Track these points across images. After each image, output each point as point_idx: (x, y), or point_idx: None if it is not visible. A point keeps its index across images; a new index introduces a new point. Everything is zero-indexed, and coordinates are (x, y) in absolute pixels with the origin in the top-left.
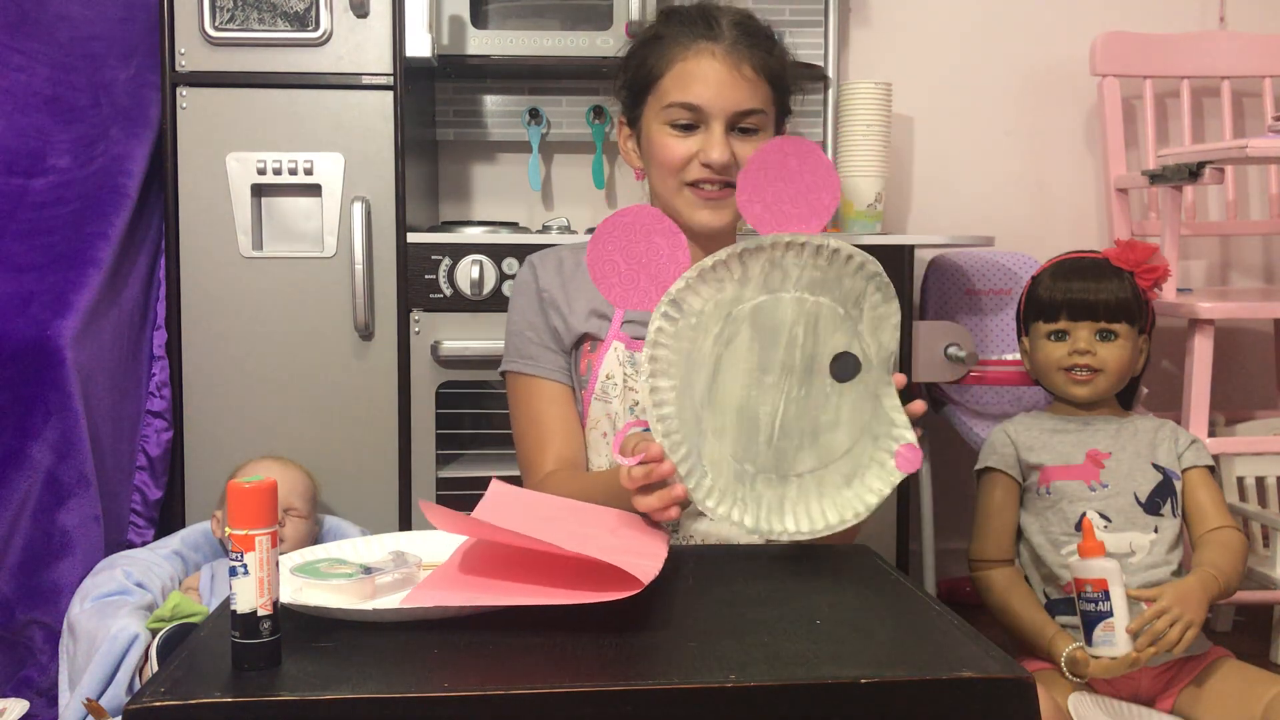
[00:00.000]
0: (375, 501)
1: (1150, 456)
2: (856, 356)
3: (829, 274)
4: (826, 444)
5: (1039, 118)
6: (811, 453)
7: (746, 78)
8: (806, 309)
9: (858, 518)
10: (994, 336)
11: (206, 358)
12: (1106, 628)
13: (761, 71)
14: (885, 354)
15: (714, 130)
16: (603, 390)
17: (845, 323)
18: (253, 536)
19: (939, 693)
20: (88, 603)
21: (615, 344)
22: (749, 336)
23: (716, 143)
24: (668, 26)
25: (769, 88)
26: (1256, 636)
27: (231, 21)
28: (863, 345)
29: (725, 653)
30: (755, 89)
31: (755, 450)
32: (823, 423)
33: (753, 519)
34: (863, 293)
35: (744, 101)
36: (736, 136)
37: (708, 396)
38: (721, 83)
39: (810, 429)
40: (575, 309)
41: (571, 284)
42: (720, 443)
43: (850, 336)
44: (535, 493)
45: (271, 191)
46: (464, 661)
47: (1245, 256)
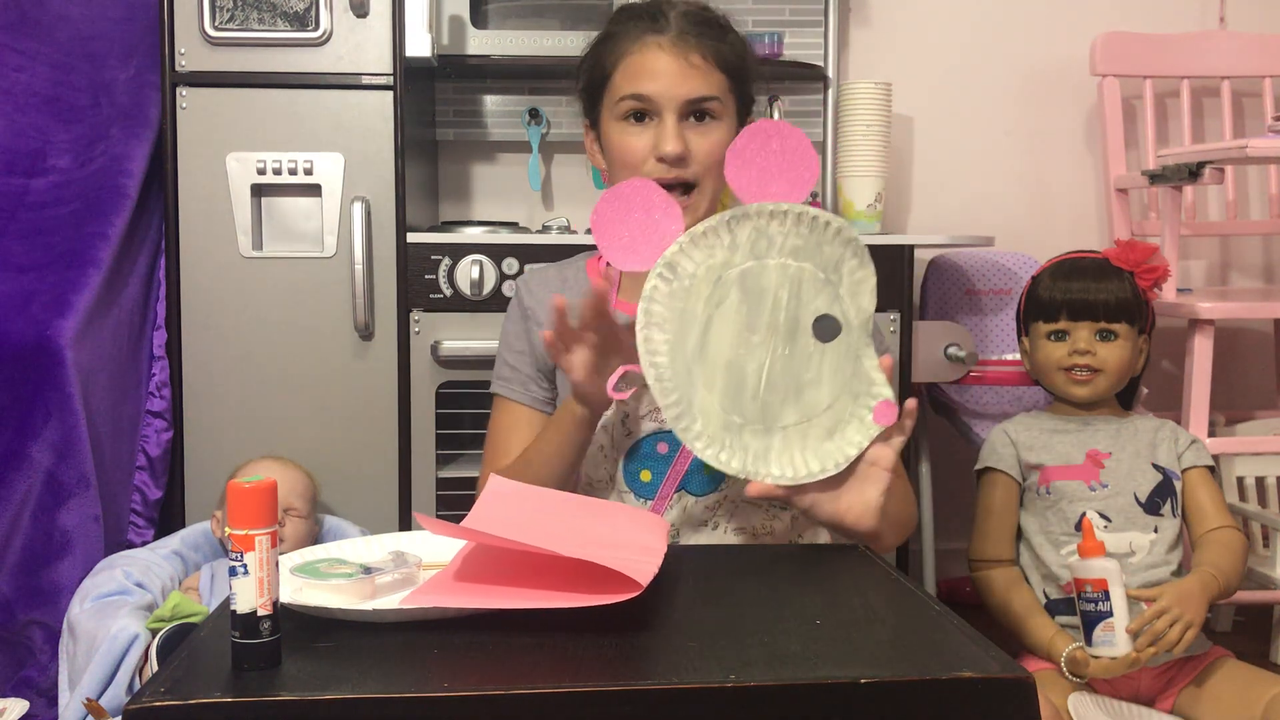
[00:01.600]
0: (375, 501)
1: (1150, 456)
2: (837, 319)
3: (810, 241)
4: (809, 400)
5: (1039, 118)
6: (795, 407)
7: (695, 65)
8: (790, 274)
9: (837, 467)
10: (994, 336)
11: (206, 358)
12: (1106, 628)
13: (712, 59)
14: (864, 316)
15: (666, 121)
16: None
17: (826, 287)
18: (253, 536)
19: (939, 693)
20: (88, 603)
21: None
22: (737, 299)
23: (669, 134)
24: (618, 24)
25: (723, 76)
26: (1256, 636)
27: (231, 21)
28: (843, 308)
29: (725, 653)
30: (706, 76)
31: (743, 403)
32: (806, 380)
33: (739, 463)
34: (841, 258)
35: (694, 90)
36: (691, 126)
37: (699, 352)
38: (670, 72)
39: (794, 385)
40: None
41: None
42: (710, 394)
43: (831, 300)
44: (535, 487)
45: (271, 191)
46: (464, 661)
47: (1245, 256)
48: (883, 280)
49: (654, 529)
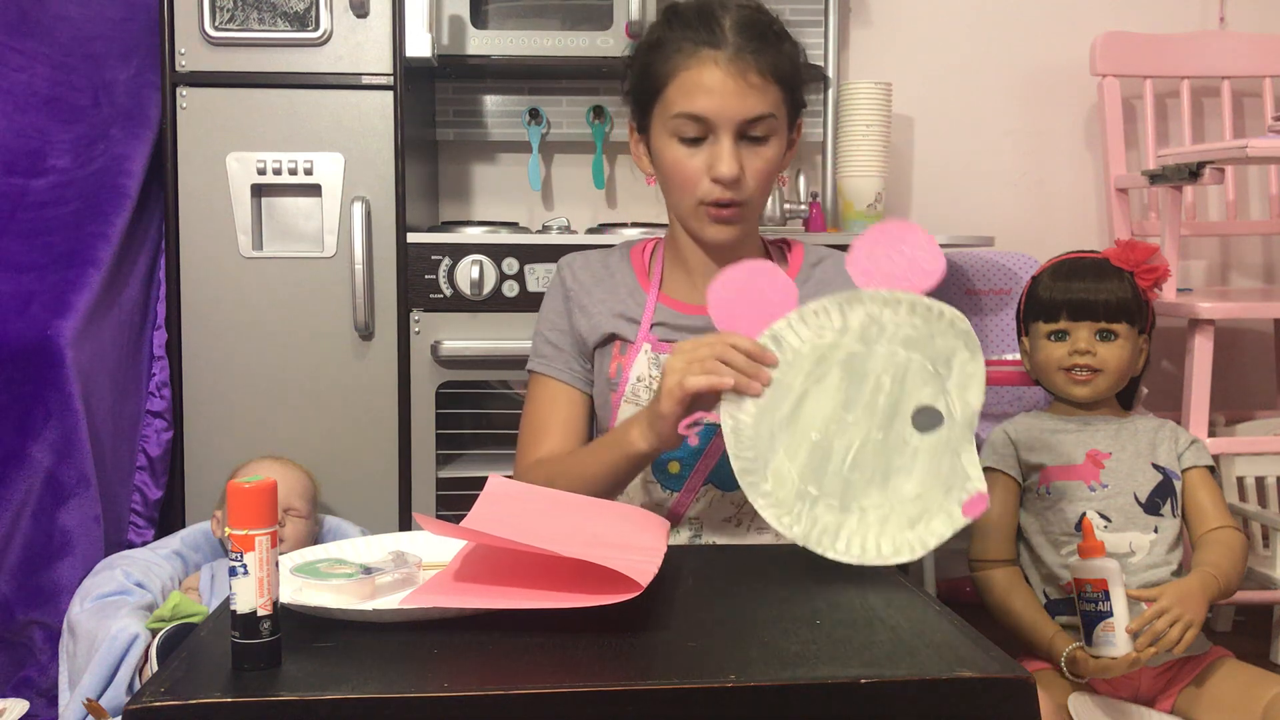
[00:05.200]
0: (375, 501)
1: (1150, 456)
2: (940, 412)
3: (923, 331)
4: (896, 487)
5: (1039, 118)
6: (880, 491)
7: (753, 84)
8: (898, 361)
9: (913, 554)
10: (994, 336)
11: (206, 358)
12: (1106, 628)
13: (770, 74)
14: (969, 412)
15: (723, 143)
16: (633, 392)
17: (934, 379)
18: (253, 536)
19: (939, 693)
20: (88, 603)
21: (645, 346)
22: (838, 378)
23: (725, 156)
24: (670, 30)
25: (779, 89)
26: (1256, 636)
27: (231, 21)
28: (948, 402)
29: (725, 653)
30: (763, 94)
31: (824, 477)
32: (896, 466)
33: (803, 531)
34: (953, 351)
35: (751, 109)
36: (745, 146)
37: (787, 421)
38: (727, 92)
39: (883, 469)
40: (602, 310)
41: (600, 286)
42: (790, 462)
43: (937, 392)
44: (534, 486)
45: (271, 191)
46: (464, 661)
47: (1245, 256)
48: None
49: (654, 529)
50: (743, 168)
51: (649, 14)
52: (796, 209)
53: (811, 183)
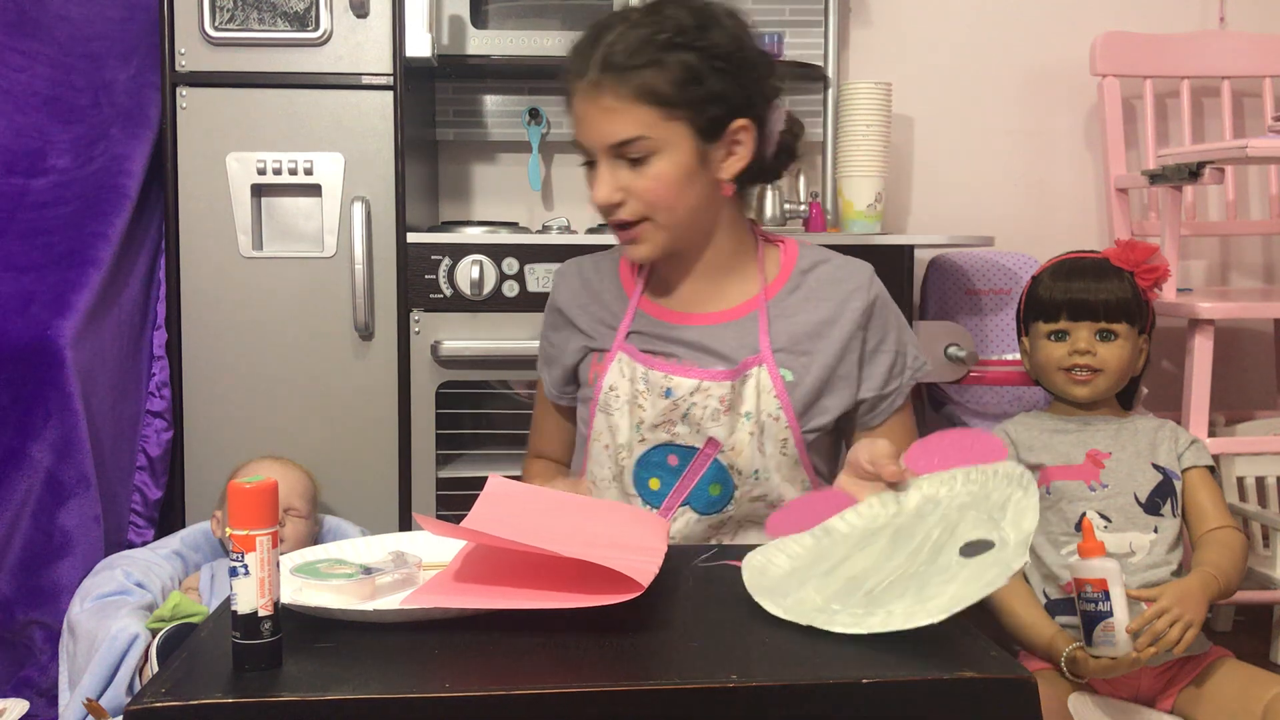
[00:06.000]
0: (375, 501)
1: (1150, 456)
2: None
3: (979, 493)
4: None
5: (1039, 118)
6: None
7: (609, 108)
8: (950, 520)
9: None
10: (994, 336)
11: (206, 358)
12: (1106, 628)
13: (632, 96)
14: (1023, 535)
15: (599, 168)
16: (605, 402)
17: (987, 524)
18: (253, 537)
19: (939, 693)
20: (88, 603)
21: (620, 355)
22: (887, 541)
23: (597, 182)
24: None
25: (652, 107)
26: (1256, 636)
27: (231, 21)
28: (1001, 534)
29: (725, 653)
30: (624, 117)
31: (851, 599)
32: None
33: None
34: (1008, 498)
35: (612, 134)
36: (628, 167)
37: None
38: (589, 120)
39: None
40: (586, 320)
41: (587, 294)
42: (819, 594)
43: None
44: (533, 487)
45: (271, 191)
46: (464, 662)
47: (1245, 256)
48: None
49: (654, 529)
50: (626, 189)
51: None
52: (796, 209)
53: (811, 183)
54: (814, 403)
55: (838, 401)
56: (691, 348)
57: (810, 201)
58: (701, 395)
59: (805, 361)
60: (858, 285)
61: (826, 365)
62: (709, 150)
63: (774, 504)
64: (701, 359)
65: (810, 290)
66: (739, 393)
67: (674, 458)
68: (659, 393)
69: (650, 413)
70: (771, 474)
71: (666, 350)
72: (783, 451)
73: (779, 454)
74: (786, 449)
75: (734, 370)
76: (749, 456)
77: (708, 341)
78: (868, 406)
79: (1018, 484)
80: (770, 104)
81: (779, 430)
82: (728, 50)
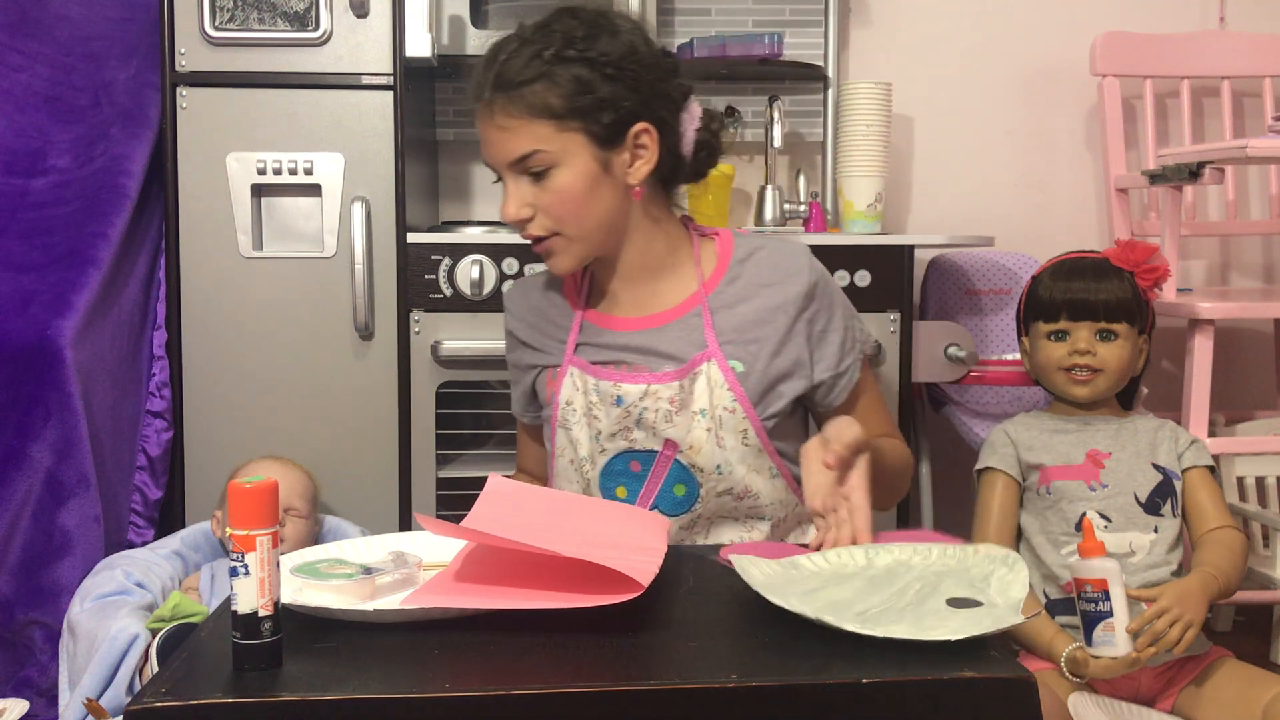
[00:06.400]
0: (375, 501)
1: (1150, 456)
2: (980, 601)
3: (957, 565)
4: (930, 625)
5: (1039, 118)
6: (910, 627)
7: (503, 126)
8: (929, 580)
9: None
10: (994, 336)
11: (206, 358)
12: (1106, 628)
13: (523, 113)
14: (1013, 602)
15: (505, 186)
16: (564, 418)
17: (969, 589)
18: (253, 537)
19: (939, 693)
20: (88, 603)
21: (571, 369)
22: (862, 583)
23: (504, 199)
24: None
25: (544, 121)
26: (1256, 636)
27: (231, 21)
28: (988, 598)
29: (725, 653)
30: (519, 133)
31: (842, 618)
32: (930, 617)
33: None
34: (991, 572)
35: (510, 151)
36: (532, 182)
37: (805, 595)
38: (487, 140)
39: (915, 618)
40: (536, 338)
41: (534, 313)
42: (804, 606)
43: (974, 594)
44: (533, 486)
45: (271, 191)
46: (464, 662)
47: (1245, 256)
48: (883, 280)
49: (654, 528)
50: (533, 204)
51: (649, 14)
52: (796, 209)
53: (811, 183)
54: (768, 390)
55: (793, 386)
56: (639, 352)
57: (810, 201)
58: (651, 399)
59: (754, 350)
60: (797, 268)
61: (775, 351)
62: (611, 157)
63: (741, 496)
64: (651, 362)
65: (750, 278)
66: (689, 391)
67: (636, 464)
68: (610, 402)
69: (605, 423)
70: (735, 466)
71: (616, 358)
72: (744, 442)
73: (740, 445)
74: (748, 439)
75: (682, 369)
76: (708, 453)
77: (654, 344)
78: (826, 388)
79: (1002, 563)
80: (676, 105)
81: (737, 422)
82: (619, 57)
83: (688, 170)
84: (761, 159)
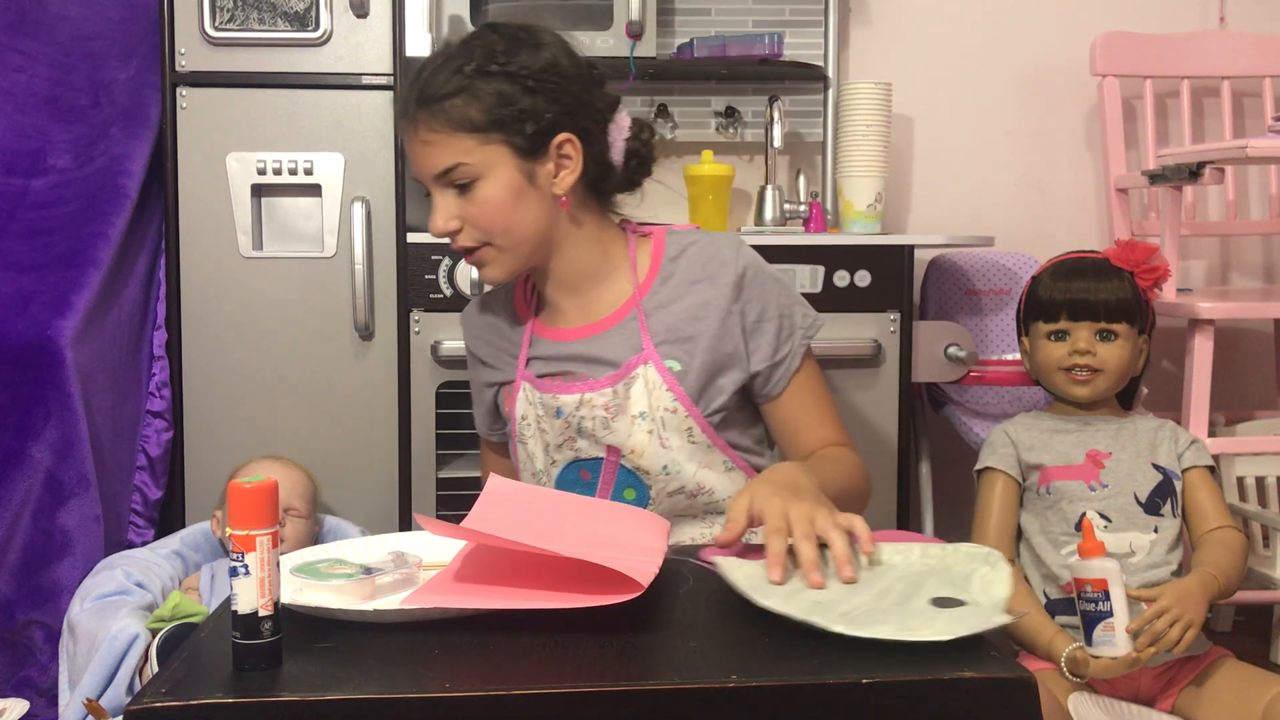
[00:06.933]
0: (375, 501)
1: (1150, 456)
2: (963, 601)
3: (937, 565)
4: (915, 625)
5: (1039, 118)
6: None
7: (427, 141)
8: (911, 580)
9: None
10: (994, 336)
11: (206, 358)
12: (1106, 628)
13: (445, 126)
14: (995, 600)
15: (434, 199)
16: (521, 433)
17: (951, 588)
18: (254, 537)
19: (939, 693)
20: (88, 603)
21: (524, 385)
22: (844, 585)
23: (432, 212)
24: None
25: (467, 135)
26: (1256, 636)
27: (231, 21)
28: (971, 597)
29: (725, 653)
30: (442, 147)
31: (827, 615)
32: (915, 618)
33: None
34: (973, 570)
35: (434, 165)
36: (460, 194)
37: (789, 595)
38: (413, 154)
39: (900, 618)
40: (492, 355)
41: (488, 330)
42: (784, 605)
43: (956, 594)
44: (534, 487)
45: (271, 191)
46: (464, 662)
47: (1245, 256)
48: (883, 280)
49: (655, 529)
50: (460, 216)
51: (649, 14)
52: (796, 209)
53: (811, 183)
54: (707, 385)
55: (731, 379)
56: (583, 361)
57: (810, 201)
58: (586, 407)
59: (689, 348)
60: (724, 260)
61: (710, 346)
62: (535, 167)
63: (694, 493)
64: (593, 370)
65: (682, 276)
66: (625, 395)
67: (585, 472)
68: (552, 414)
69: (551, 435)
70: (684, 465)
71: (562, 369)
72: (691, 440)
73: (687, 443)
74: (694, 437)
75: (617, 374)
76: (652, 455)
77: (596, 351)
78: (763, 378)
79: (984, 561)
80: (602, 115)
81: (680, 421)
82: (539, 69)
83: (619, 179)
84: (761, 159)
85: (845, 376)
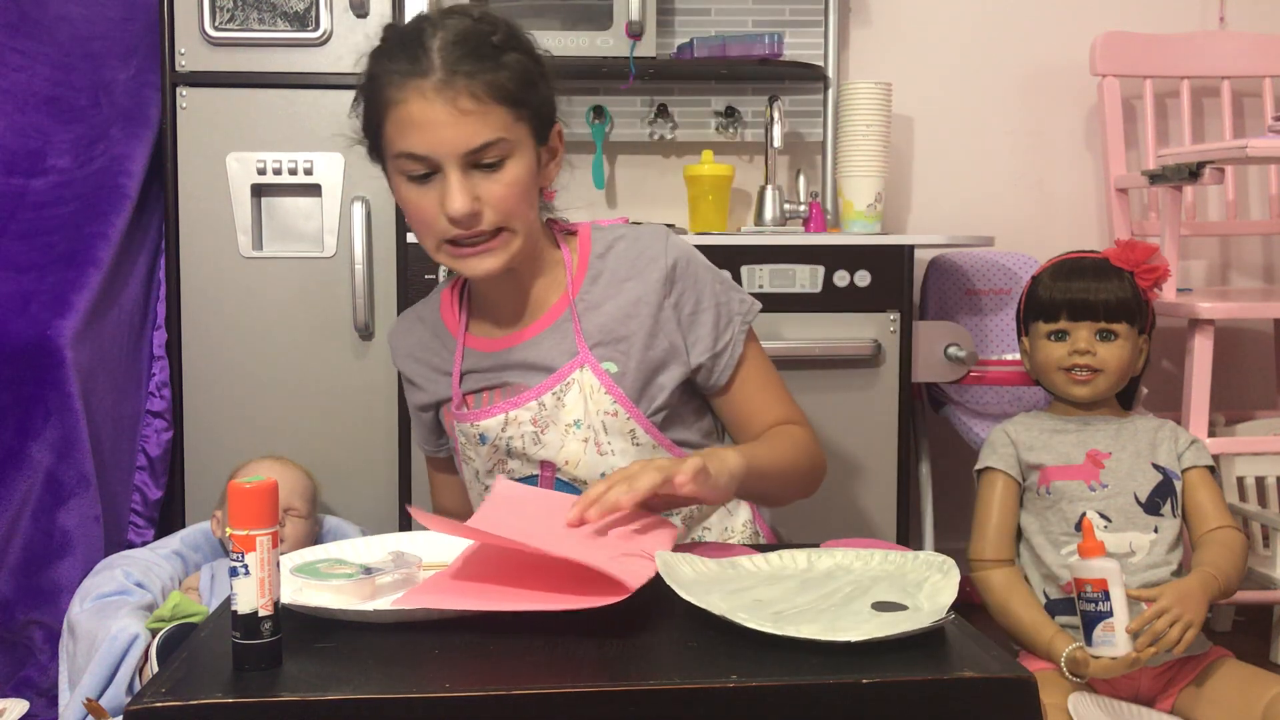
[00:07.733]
0: (375, 501)
1: (1150, 456)
2: (905, 605)
3: (895, 570)
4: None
5: (1039, 118)
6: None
7: (468, 111)
8: (862, 584)
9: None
10: (994, 336)
11: (206, 358)
12: (1106, 628)
13: (488, 94)
14: (938, 607)
15: (450, 178)
16: (463, 450)
17: (900, 593)
18: (253, 537)
19: (939, 693)
20: (88, 603)
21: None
22: (795, 584)
23: (453, 192)
24: (379, 62)
25: (505, 108)
26: (1256, 636)
27: (231, 21)
28: (915, 602)
29: (725, 653)
30: (484, 118)
31: (758, 614)
32: (846, 619)
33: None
34: (924, 578)
35: (473, 138)
36: (479, 174)
37: (731, 593)
38: (440, 124)
39: (830, 618)
40: (423, 375)
41: (420, 348)
42: (723, 602)
43: (903, 598)
44: (542, 490)
45: (271, 191)
46: (464, 662)
47: (1245, 256)
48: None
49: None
50: (480, 197)
51: (649, 14)
52: (796, 209)
53: (811, 183)
54: (647, 385)
55: (672, 375)
56: (520, 368)
57: (810, 201)
58: (512, 426)
59: (624, 348)
60: (653, 255)
61: (646, 344)
62: (541, 153)
63: None
64: (529, 377)
65: (611, 274)
66: (558, 404)
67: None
68: (475, 441)
69: (479, 461)
70: None
71: (499, 380)
72: (634, 443)
73: (631, 446)
74: (638, 439)
75: (553, 379)
76: (588, 464)
77: (532, 357)
78: (707, 370)
79: (937, 569)
80: None
81: (621, 424)
82: (539, 54)
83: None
84: (761, 159)
85: (845, 376)
